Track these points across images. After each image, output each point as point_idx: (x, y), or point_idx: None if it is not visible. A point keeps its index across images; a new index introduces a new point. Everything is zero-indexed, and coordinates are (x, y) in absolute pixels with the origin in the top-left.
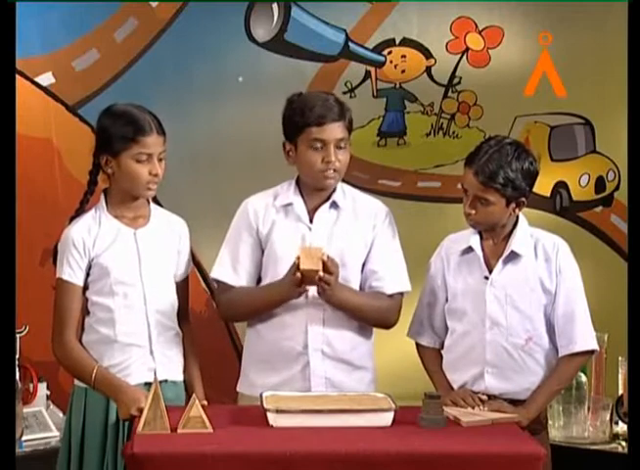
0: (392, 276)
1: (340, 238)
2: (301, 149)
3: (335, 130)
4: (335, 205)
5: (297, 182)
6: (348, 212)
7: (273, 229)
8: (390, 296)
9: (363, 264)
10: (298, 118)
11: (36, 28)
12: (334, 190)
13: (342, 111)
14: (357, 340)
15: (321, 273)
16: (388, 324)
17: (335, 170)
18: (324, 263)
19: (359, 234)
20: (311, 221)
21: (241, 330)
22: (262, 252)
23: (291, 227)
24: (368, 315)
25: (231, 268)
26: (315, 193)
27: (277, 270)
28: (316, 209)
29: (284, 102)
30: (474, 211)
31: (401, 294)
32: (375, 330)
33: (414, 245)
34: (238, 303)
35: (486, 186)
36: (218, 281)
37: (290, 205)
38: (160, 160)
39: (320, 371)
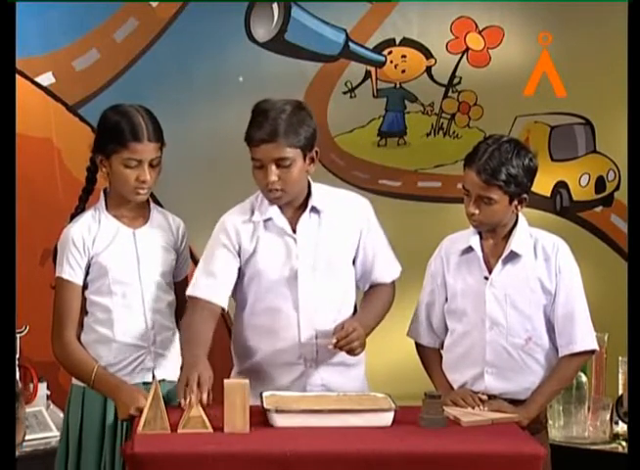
0: (388, 266)
1: (326, 242)
2: (252, 165)
3: (271, 151)
4: (315, 210)
5: None
6: (330, 214)
7: (258, 247)
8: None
9: (353, 260)
10: (246, 134)
11: (36, 28)
12: (309, 194)
13: (279, 131)
14: None
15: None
16: (390, 308)
17: (278, 190)
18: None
19: (345, 234)
20: (294, 231)
21: None
22: (239, 268)
23: (275, 241)
24: (383, 318)
25: (204, 283)
26: (289, 202)
27: (263, 286)
28: (296, 217)
29: None
30: (477, 211)
31: None
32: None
33: (413, 245)
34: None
35: (489, 184)
36: (190, 297)
37: (269, 220)
38: (153, 166)
39: (316, 379)
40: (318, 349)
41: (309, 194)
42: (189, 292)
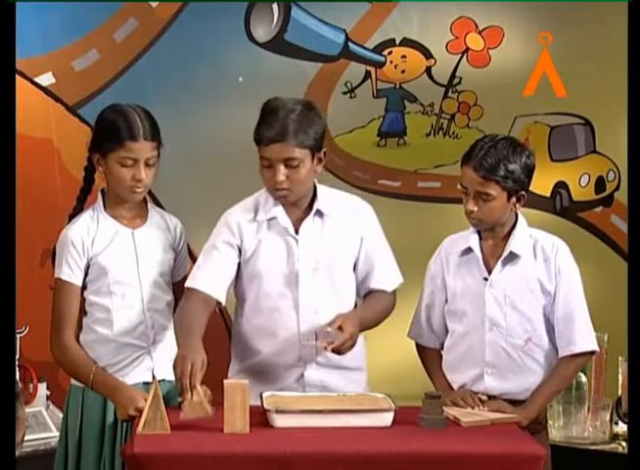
0: (389, 274)
1: (327, 246)
2: (260, 163)
3: (280, 151)
4: (319, 213)
5: None
6: (333, 219)
7: (260, 246)
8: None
9: (354, 266)
10: (255, 132)
11: (36, 28)
12: (315, 197)
13: (289, 131)
14: None
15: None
16: (388, 316)
17: (285, 189)
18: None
19: (346, 239)
20: (297, 232)
21: None
22: (238, 265)
23: (277, 241)
24: (380, 320)
25: (202, 276)
26: (295, 203)
27: (263, 286)
28: (300, 219)
29: None
30: (476, 208)
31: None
32: (372, 331)
33: (414, 245)
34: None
35: (487, 180)
36: (188, 288)
37: (274, 218)
38: (149, 165)
39: (315, 380)
40: (317, 351)
41: (314, 196)
42: (187, 283)
